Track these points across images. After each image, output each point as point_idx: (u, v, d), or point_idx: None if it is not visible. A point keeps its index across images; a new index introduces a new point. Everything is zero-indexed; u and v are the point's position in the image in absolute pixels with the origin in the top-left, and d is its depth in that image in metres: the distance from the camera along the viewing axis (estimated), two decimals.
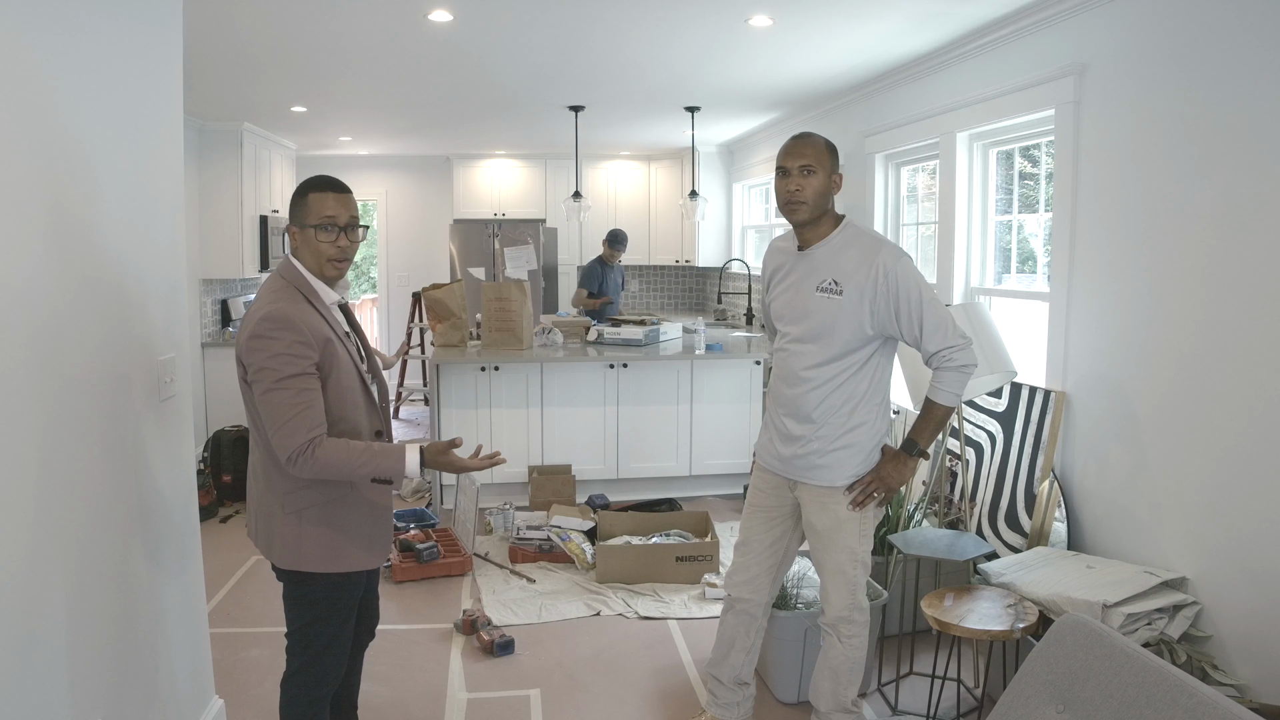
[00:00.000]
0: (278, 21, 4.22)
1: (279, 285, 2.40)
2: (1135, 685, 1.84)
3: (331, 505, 2.41)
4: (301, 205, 2.41)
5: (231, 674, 3.63)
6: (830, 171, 2.84)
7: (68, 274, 2.16)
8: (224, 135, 7.16)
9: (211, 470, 6.02)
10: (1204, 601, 3.02)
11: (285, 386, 2.24)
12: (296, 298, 2.36)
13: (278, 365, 2.24)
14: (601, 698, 3.58)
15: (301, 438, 2.23)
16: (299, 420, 2.23)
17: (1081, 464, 3.69)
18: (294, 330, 2.27)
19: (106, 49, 2.38)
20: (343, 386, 2.39)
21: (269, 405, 2.24)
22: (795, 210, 2.85)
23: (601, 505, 5.55)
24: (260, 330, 2.26)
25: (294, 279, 2.41)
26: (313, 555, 2.41)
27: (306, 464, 2.23)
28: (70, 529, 2.15)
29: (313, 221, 2.38)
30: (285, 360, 2.25)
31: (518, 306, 5.97)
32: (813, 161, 2.81)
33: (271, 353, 2.25)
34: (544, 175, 9.74)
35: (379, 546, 2.55)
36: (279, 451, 2.25)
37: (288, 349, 2.25)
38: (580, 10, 4.11)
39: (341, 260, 2.43)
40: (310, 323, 2.32)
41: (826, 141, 2.87)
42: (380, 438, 2.53)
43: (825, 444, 2.87)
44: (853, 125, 6.05)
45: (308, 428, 2.24)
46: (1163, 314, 3.25)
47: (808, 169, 2.81)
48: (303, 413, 2.24)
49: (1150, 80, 3.31)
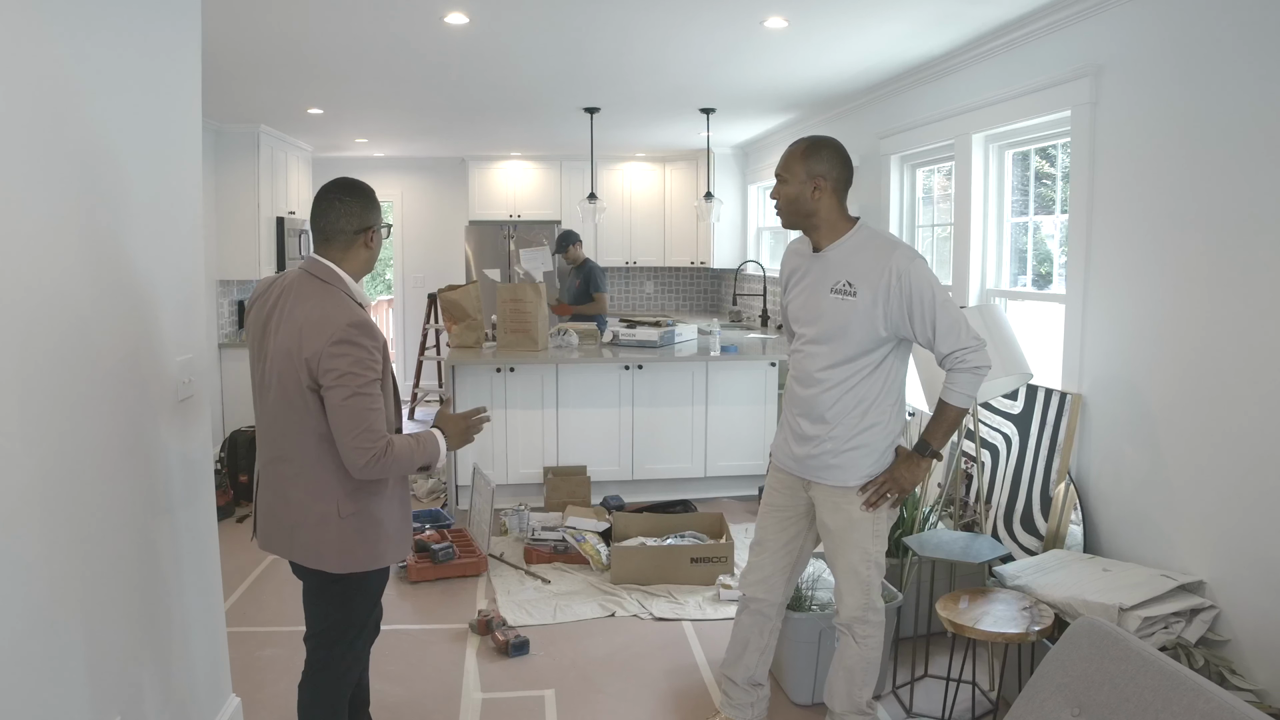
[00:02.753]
0: (295, 25, 4.25)
1: (330, 293, 2.42)
2: (1152, 689, 1.83)
3: (376, 502, 2.48)
4: (376, 208, 2.51)
5: (248, 672, 3.65)
6: (804, 178, 2.84)
7: (89, 276, 2.18)
8: (241, 137, 7.20)
9: (228, 470, 6.06)
10: (1221, 605, 3.00)
11: (366, 392, 2.31)
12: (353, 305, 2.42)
13: (361, 371, 2.31)
14: (616, 698, 3.58)
15: (382, 441, 2.31)
16: (379, 424, 2.33)
17: (1097, 466, 3.68)
18: (376, 338, 2.37)
19: (127, 53, 2.40)
20: (388, 390, 2.49)
21: (351, 410, 2.29)
22: (777, 216, 2.96)
23: (616, 506, 5.56)
24: (348, 336, 2.31)
25: (341, 286, 2.46)
26: (364, 555, 2.47)
27: (380, 465, 2.31)
28: (90, 528, 2.17)
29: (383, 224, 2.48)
30: (368, 366, 2.33)
31: (533, 308, 5.98)
32: (781, 170, 2.90)
33: (355, 359, 2.30)
34: (559, 177, 9.75)
35: (408, 538, 2.64)
36: (357, 455, 2.30)
37: (370, 356, 2.33)
38: (595, 13, 4.12)
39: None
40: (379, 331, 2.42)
41: (805, 147, 2.87)
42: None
43: (839, 444, 2.87)
44: (868, 127, 6.04)
45: (382, 429, 2.34)
46: (1180, 316, 3.24)
47: (779, 177, 2.91)
48: (380, 417, 2.35)
49: (1167, 81, 3.29)
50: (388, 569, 2.65)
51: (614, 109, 6.77)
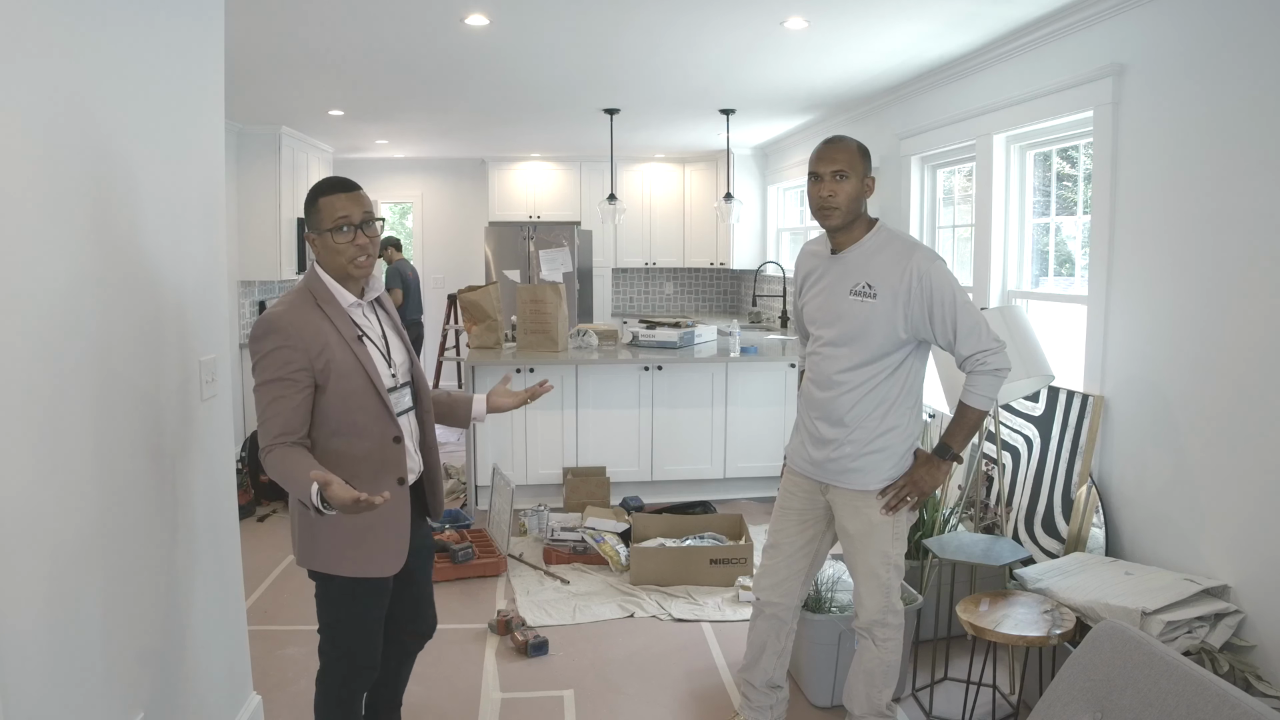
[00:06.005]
0: (316, 26, 4.27)
1: (293, 291, 2.43)
2: (1175, 694, 1.81)
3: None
4: (314, 212, 2.41)
5: (268, 671, 3.67)
6: (863, 176, 2.82)
7: (112, 276, 2.20)
8: (262, 139, 7.25)
9: (249, 470, 6.10)
10: (1247, 610, 2.97)
11: (263, 389, 2.31)
12: (304, 302, 2.39)
13: (261, 367, 2.31)
14: (635, 699, 3.58)
15: (265, 441, 2.28)
16: (268, 424, 2.29)
17: (1120, 469, 3.65)
18: (280, 335, 2.30)
19: (151, 55, 2.42)
20: (344, 392, 2.37)
21: (255, 403, 2.33)
22: (828, 216, 2.84)
23: (636, 507, 5.55)
24: (253, 333, 2.34)
25: (310, 283, 2.43)
26: (321, 556, 2.44)
27: (266, 464, 2.28)
28: (113, 527, 2.19)
29: (328, 225, 2.38)
30: (266, 363, 2.30)
31: (553, 309, 6.00)
32: (845, 166, 2.78)
33: (259, 354, 2.31)
34: (579, 178, 9.76)
35: (382, 558, 2.48)
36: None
37: (270, 353, 2.30)
38: (616, 14, 4.13)
39: (363, 257, 2.42)
40: (305, 328, 2.33)
41: (859, 145, 2.84)
42: (398, 443, 2.47)
43: (858, 448, 2.86)
44: (888, 127, 6.02)
45: (273, 433, 2.27)
46: (1203, 317, 3.21)
47: (840, 174, 2.79)
48: (272, 418, 2.28)
49: (1190, 81, 3.26)
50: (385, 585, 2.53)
51: (634, 110, 6.78)
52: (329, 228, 2.37)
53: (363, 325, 2.48)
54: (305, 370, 2.31)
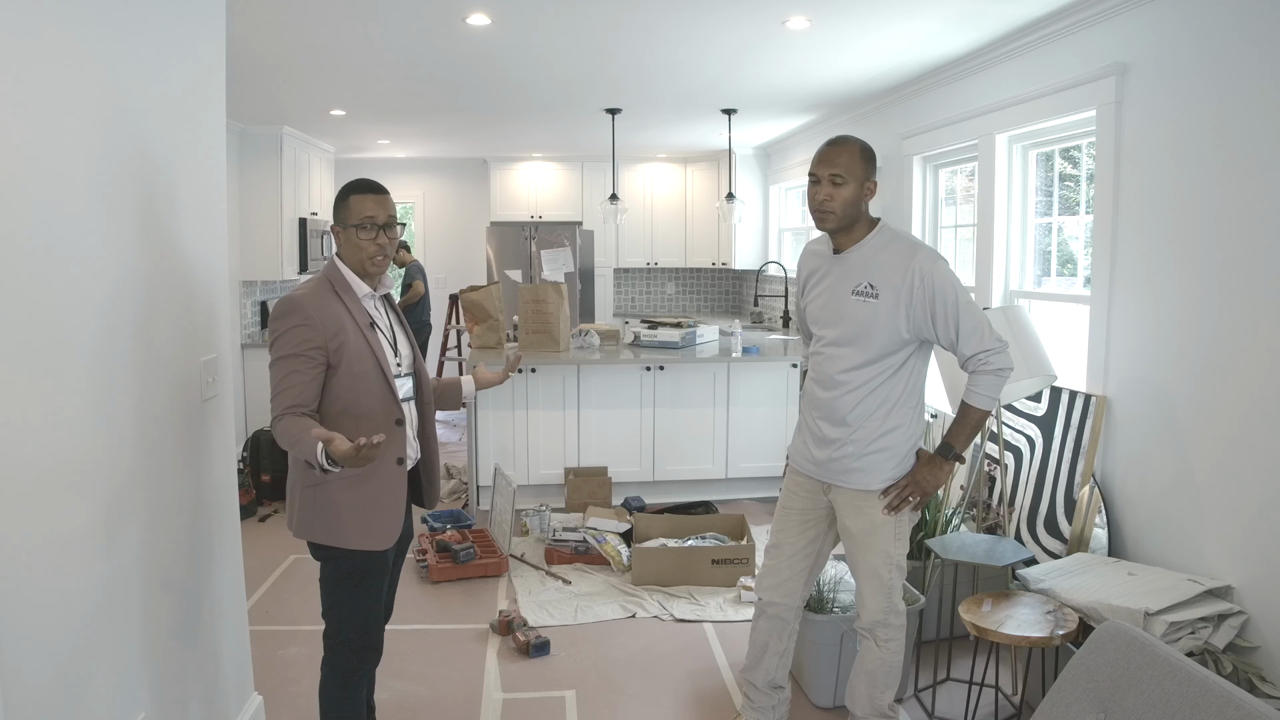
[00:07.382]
0: (318, 26, 4.27)
1: (314, 279, 2.62)
2: (1179, 695, 1.80)
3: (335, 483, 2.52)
4: (344, 207, 2.60)
5: (270, 671, 3.67)
6: (863, 180, 2.81)
7: (114, 276, 2.19)
8: (264, 139, 7.25)
9: (251, 470, 6.09)
10: (1251, 611, 2.96)
11: (279, 363, 2.45)
12: (324, 289, 2.56)
13: (280, 343, 2.46)
14: (637, 699, 3.58)
15: (277, 410, 2.43)
16: (281, 396, 2.43)
17: (1123, 469, 3.64)
18: (299, 314, 2.46)
19: (152, 55, 2.41)
20: (354, 373, 2.53)
21: (271, 376, 2.47)
22: (824, 219, 2.85)
23: (637, 507, 5.55)
24: (273, 312, 2.51)
25: (329, 273, 2.62)
26: (321, 527, 2.55)
27: (275, 430, 2.42)
28: (114, 528, 2.19)
29: (354, 221, 2.57)
30: (285, 340, 2.45)
31: (554, 309, 5.99)
32: (843, 171, 2.78)
33: (277, 332, 2.47)
34: (580, 178, 9.76)
35: (379, 532, 2.61)
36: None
37: (290, 330, 2.45)
38: (617, 14, 4.12)
39: (380, 256, 2.61)
40: (325, 311, 2.50)
41: (862, 147, 2.83)
42: (399, 426, 2.62)
43: (860, 447, 2.86)
44: (891, 127, 6.01)
45: (286, 404, 2.42)
46: (1206, 317, 3.20)
47: (837, 178, 2.78)
48: (286, 390, 2.43)
49: (1193, 80, 3.26)
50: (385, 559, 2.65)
51: (635, 110, 6.77)
52: (354, 224, 2.57)
53: (374, 315, 2.65)
54: (320, 349, 2.47)
